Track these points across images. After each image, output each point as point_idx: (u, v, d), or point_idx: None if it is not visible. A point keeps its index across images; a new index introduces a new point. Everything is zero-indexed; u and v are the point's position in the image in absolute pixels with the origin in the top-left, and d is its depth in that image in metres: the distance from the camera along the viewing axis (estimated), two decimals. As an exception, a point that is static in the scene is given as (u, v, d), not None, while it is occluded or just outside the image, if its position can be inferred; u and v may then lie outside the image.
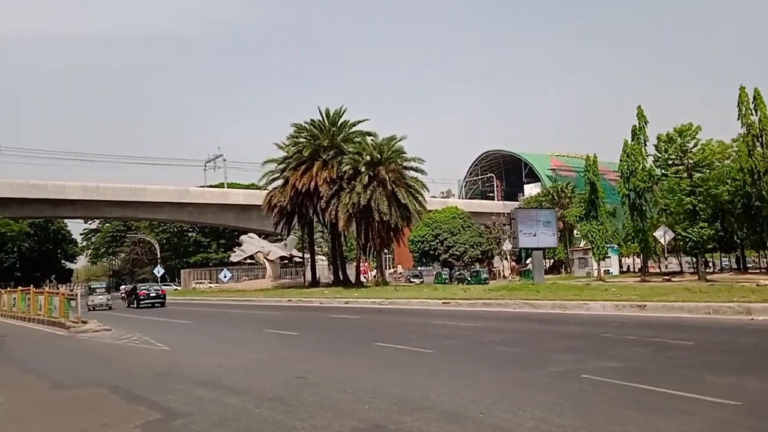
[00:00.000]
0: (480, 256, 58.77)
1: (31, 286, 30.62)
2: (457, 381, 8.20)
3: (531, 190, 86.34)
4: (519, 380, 8.09)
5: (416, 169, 43.69)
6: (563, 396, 6.92)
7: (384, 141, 42.82)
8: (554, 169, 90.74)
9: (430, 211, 53.06)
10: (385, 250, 54.91)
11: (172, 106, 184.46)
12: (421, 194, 43.76)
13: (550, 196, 63.97)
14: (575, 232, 61.54)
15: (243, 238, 64.14)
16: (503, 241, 58.99)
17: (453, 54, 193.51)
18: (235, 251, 65.75)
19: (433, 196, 74.19)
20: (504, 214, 70.72)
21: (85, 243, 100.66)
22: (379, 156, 41.20)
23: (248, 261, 63.56)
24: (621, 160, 37.60)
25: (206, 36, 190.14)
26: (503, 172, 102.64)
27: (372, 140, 43.36)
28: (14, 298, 28.07)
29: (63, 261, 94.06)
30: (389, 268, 71.88)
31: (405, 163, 43.26)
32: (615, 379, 7.62)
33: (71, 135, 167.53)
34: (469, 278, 45.62)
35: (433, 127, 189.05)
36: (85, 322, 19.46)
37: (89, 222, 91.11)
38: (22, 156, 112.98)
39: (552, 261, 62.79)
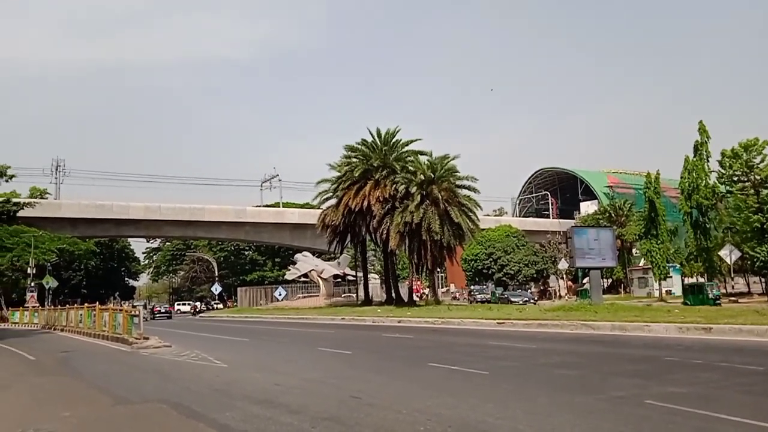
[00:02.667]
0: (535, 275, 57.71)
1: (97, 302, 31.86)
2: (514, 404, 8.03)
3: (587, 208, 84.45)
4: (578, 405, 7.86)
5: (469, 188, 43.45)
6: (625, 422, 6.69)
7: (437, 160, 42.81)
8: (611, 187, 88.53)
9: (483, 229, 52.56)
10: (438, 269, 54.59)
11: (231, 128, 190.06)
12: (474, 212, 43.42)
13: (608, 214, 62.35)
14: (634, 251, 59.72)
15: (297, 256, 65.04)
16: (559, 260, 57.75)
17: (505, 72, 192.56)
18: (289, 269, 66.71)
19: (486, 215, 73.57)
20: (559, 232, 69.31)
21: (147, 261, 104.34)
22: (431, 175, 41.20)
23: (302, 279, 64.31)
24: (682, 177, 36.39)
25: (263, 60, 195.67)
26: (558, 189, 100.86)
27: (426, 159, 43.45)
28: (81, 315, 29.20)
29: (126, 278, 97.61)
30: (442, 287, 71.39)
31: (458, 182, 43.07)
32: (680, 405, 7.31)
33: (135, 157, 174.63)
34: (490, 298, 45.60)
35: (486, 145, 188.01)
36: (147, 339, 20.06)
37: (151, 241, 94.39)
38: (89, 178, 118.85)
39: (610, 281, 61.03)
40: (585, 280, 54.16)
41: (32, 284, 51.21)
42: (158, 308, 60.93)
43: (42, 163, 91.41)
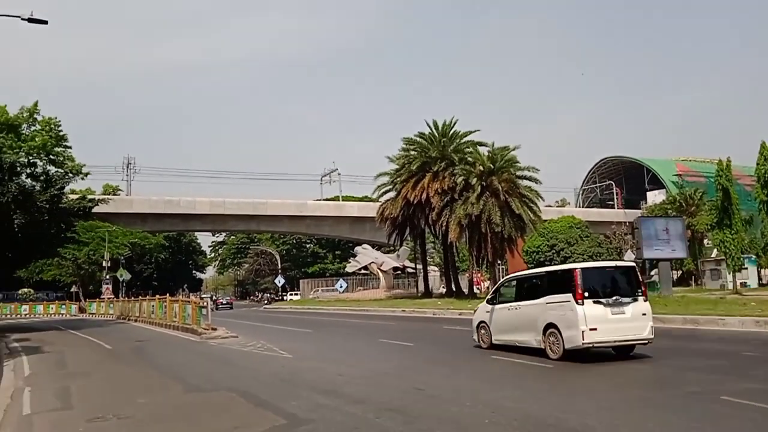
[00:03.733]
0: (600, 267, 56.15)
1: (167, 294, 33.16)
2: (582, 398, 7.87)
3: (654, 197, 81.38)
4: (649, 400, 7.63)
5: (530, 179, 42.66)
6: (700, 419, 6.44)
7: (496, 151, 42.20)
8: (680, 175, 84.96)
9: (545, 220, 51.35)
10: (499, 261, 53.90)
11: (291, 124, 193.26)
12: (536, 204, 42.62)
13: (677, 204, 59.90)
14: (706, 241, 57.22)
15: (357, 249, 65.63)
16: (625, 252, 55.96)
17: (567, 60, 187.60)
18: (350, 262, 67.46)
19: (548, 206, 72.05)
20: (625, 223, 67.13)
21: (213, 254, 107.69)
22: (491, 166, 40.66)
23: (362, 271, 64.88)
24: (758, 164, 34.52)
25: (322, 56, 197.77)
26: (623, 179, 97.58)
27: (485, 150, 42.93)
28: (153, 306, 30.46)
29: (194, 271, 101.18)
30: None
31: (518, 173, 42.34)
32: (760, 402, 6.97)
33: (200, 154, 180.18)
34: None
35: (547, 135, 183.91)
36: (215, 329, 20.72)
37: (216, 235, 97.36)
38: (157, 174, 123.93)
39: (680, 272, 58.70)
40: (653, 273, 52.35)
41: (107, 277, 53.80)
42: (221, 300, 67.78)
43: (114, 161, 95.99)
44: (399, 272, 63.54)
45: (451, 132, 45.01)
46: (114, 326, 30.34)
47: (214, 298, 70.27)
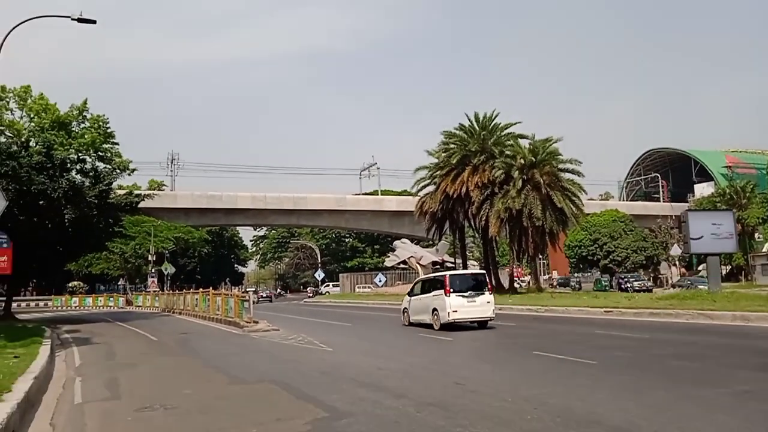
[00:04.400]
0: (644, 262, 54.86)
1: (210, 288, 33.81)
2: (626, 395, 7.69)
3: (702, 190, 79.04)
4: (697, 398, 7.41)
5: (573, 171, 41.85)
6: (751, 418, 6.22)
7: (538, 143, 41.54)
8: (730, 167, 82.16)
9: (588, 214, 50.53)
10: (540, 256, 53.20)
11: (330, 118, 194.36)
12: (578, 197, 41.81)
13: (727, 196, 58.06)
14: (757, 235, 55.32)
15: (396, 243, 65.66)
16: (671, 246, 54.54)
17: (611, 50, 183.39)
18: (389, 256, 67.55)
19: (591, 199, 70.70)
20: (671, 216, 65.43)
21: (254, 249, 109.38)
22: (533, 159, 40.05)
23: (401, 266, 64.90)
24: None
25: (360, 50, 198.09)
26: (669, 171, 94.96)
27: (526, 143, 42.31)
28: (196, 299, 31.13)
29: (236, 265, 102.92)
30: (544, 274, 69.63)
31: (560, 166, 41.59)
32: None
33: (241, 149, 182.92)
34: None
35: (591, 127, 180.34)
36: (257, 322, 21.04)
37: (258, 229, 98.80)
38: (200, 170, 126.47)
39: (729, 268, 56.92)
40: (701, 267, 50.93)
41: (153, 270, 55.22)
42: (261, 293, 69.55)
43: (158, 157, 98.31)
44: (438, 267, 63.26)
45: (492, 124, 44.47)
46: (159, 318, 31.10)
47: (263, 292, 71.76)
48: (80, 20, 17.93)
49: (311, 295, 69.89)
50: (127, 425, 7.08)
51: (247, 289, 66.58)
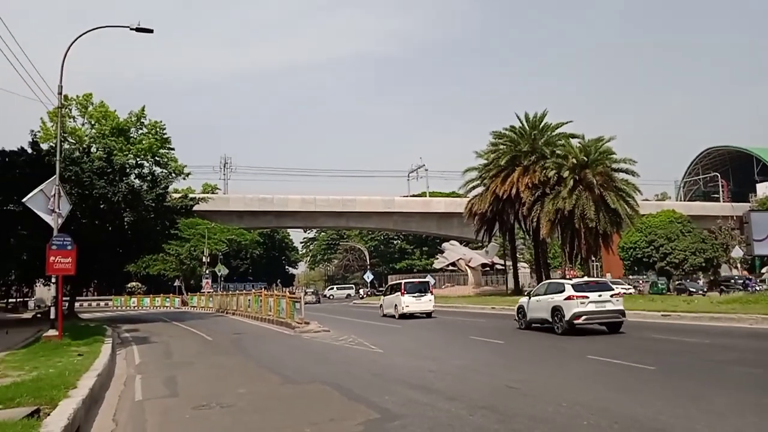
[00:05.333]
0: (703, 264, 52.87)
1: (263, 289, 34.41)
2: (687, 402, 7.43)
3: (765, 189, 75.73)
4: (762, 406, 7.10)
5: (627, 171, 40.78)
6: None
7: (590, 142, 40.66)
8: (794, 164, 78.47)
9: (643, 215, 49.10)
10: (593, 258, 51.97)
11: (379, 120, 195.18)
12: (633, 197, 40.71)
13: (793, 196, 55.37)
14: (827, 236, 52.51)
15: (445, 245, 65.36)
16: (731, 248, 52.37)
17: (664, 47, 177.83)
18: (437, 258, 67.28)
19: (646, 199, 68.73)
20: (732, 217, 62.92)
21: (304, 250, 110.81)
22: (584, 158, 39.23)
23: (450, 268, 64.55)
24: None
25: (408, 53, 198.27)
26: (730, 170, 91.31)
27: (577, 142, 41.49)
28: (249, 300, 31.75)
29: (287, 266, 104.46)
30: (597, 277, 67.96)
31: (614, 165, 40.60)
32: None
33: (292, 152, 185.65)
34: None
35: (646, 125, 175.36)
36: (308, 323, 21.27)
37: (307, 231, 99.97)
38: (252, 173, 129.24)
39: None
40: (764, 270, 48.79)
41: (207, 271, 56.58)
42: (310, 291, 69.39)
43: (212, 161, 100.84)
44: (487, 269, 62.71)
45: (542, 124, 43.86)
46: (213, 319, 31.84)
47: (317, 292, 72.25)
48: (138, 29, 18.55)
49: (360, 297, 70.14)
50: (186, 423, 7.27)
51: (307, 290, 67.17)
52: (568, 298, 16.76)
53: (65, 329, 17.73)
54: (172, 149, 51.60)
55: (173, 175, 38.32)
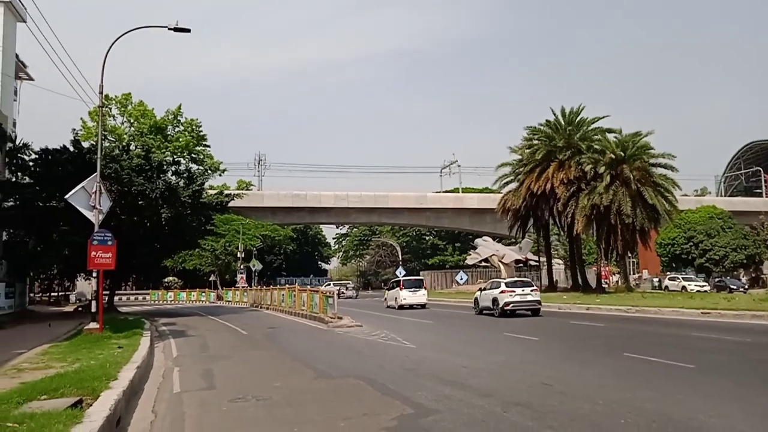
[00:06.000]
0: (744, 261, 51.48)
1: (296, 284, 34.74)
2: (727, 402, 7.27)
3: (811, 183, 73.32)
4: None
5: (665, 166, 39.95)
6: None
7: (627, 137, 39.94)
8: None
9: (682, 211, 48.02)
10: (629, 254, 51.06)
11: (411, 117, 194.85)
12: (671, 193, 39.86)
13: (840, 190, 53.45)
14: None
15: (478, 241, 64.97)
16: (774, 245, 50.89)
17: (703, 38, 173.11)
18: (470, 254, 66.95)
19: (685, 195, 67.24)
20: (775, 212, 61.04)
21: (336, 246, 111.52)
22: (621, 153, 38.54)
23: (483, 264, 64.16)
24: None
25: (440, 49, 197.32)
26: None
27: (614, 137, 40.79)
28: (282, 295, 32.10)
29: (319, 262, 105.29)
30: (634, 273, 66.81)
31: (652, 160, 39.82)
32: None
33: (325, 149, 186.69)
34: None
35: (685, 120, 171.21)
36: (341, 318, 21.43)
37: (340, 227, 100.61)
38: (285, 170, 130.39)
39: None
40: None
41: (241, 267, 57.37)
42: (342, 290, 69.08)
43: (246, 158, 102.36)
44: (521, 265, 62.14)
45: (578, 119, 43.22)
46: (248, 313, 32.29)
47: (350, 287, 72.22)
48: (176, 29, 18.87)
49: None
50: (223, 414, 7.40)
51: (348, 285, 67.97)
52: (502, 291, 24.04)
53: (105, 322, 18.20)
54: (208, 146, 52.56)
55: (209, 171, 39.00)
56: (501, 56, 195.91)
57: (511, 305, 23.49)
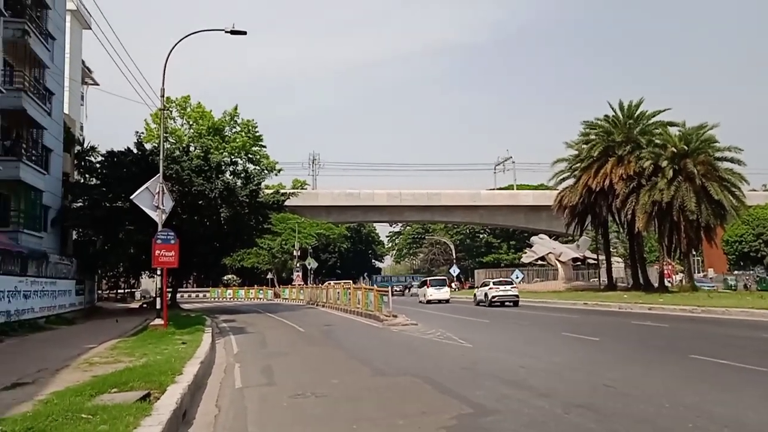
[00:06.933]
0: (820, 259, 48.70)
1: (351, 282, 35.05)
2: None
3: None
4: None
5: (731, 160, 38.33)
6: None
7: (690, 131, 38.50)
8: None
9: (751, 206, 45.93)
10: (693, 252, 49.16)
11: (463, 112, 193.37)
12: (739, 188, 38.20)
13: None
14: None
15: (533, 239, 63.93)
16: None
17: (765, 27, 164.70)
18: (525, 252, 65.95)
19: (753, 190, 64.18)
20: None
21: (390, 244, 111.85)
22: (684, 147, 37.18)
23: (539, 262, 63.10)
24: None
25: (493, 42, 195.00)
26: None
27: (676, 131, 39.39)
28: (338, 293, 32.43)
29: (373, 260, 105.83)
30: (698, 272, 64.31)
31: (717, 154, 38.25)
32: None
33: (377, 147, 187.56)
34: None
35: (752, 111, 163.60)
36: (396, 316, 21.48)
37: (393, 225, 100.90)
38: (339, 168, 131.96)
39: None
40: None
41: (297, 265, 58.29)
42: (395, 287, 68.62)
43: (301, 157, 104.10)
44: (579, 263, 60.80)
45: (638, 113, 41.96)
46: (304, 311, 32.76)
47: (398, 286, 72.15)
48: (233, 32, 19.33)
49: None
50: (284, 410, 7.53)
51: (413, 282, 68.43)
52: (490, 288, 32.94)
53: (169, 318, 18.82)
54: (264, 147, 53.58)
55: (265, 171, 39.77)
56: (553, 48, 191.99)
57: (496, 298, 32.41)
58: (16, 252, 20.63)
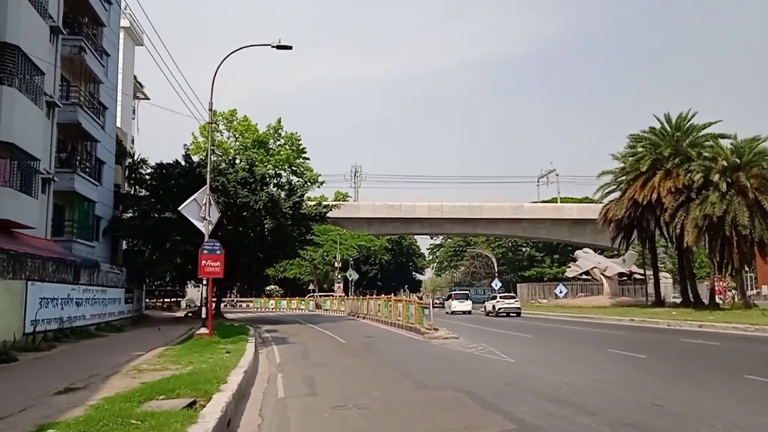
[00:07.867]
0: None
1: (392, 294, 35.06)
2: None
3: None
4: None
5: (788, 173, 36.89)
6: None
7: (743, 143, 37.32)
8: None
9: (809, 221, 44.09)
10: (746, 268, 47.44)
11: (506, 124, 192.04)
12: (796, 202, 36.72)
13: None
14: None
15: (578, 253, 62.80)
16: None
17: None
18: (569, 266, 64.81)
19: (811, 204, 61.55)
20: None
21: (431, 257, 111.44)
22: (737, 160, 36.04)
23: (584, 277, 61.92)
24: None
25: (533, 55, 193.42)
26: None
27: (728, 143, 38.24)
28: (379, 305, 32.47)
29: (413, 272, 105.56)
30: (751, 289, 61.97)
31: (772, 167, 36.93)
32: None
33: (419, 159, 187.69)
34: None
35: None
36: (437, 329, 21.38)
37: (434, 238, 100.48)
38: (381, 181, 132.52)
39: None
40: None
41: (339, 276, 58.63)
42: (435, 300, 69.19)
43: (343, 169, 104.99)
44: (625, 278, 59.41)
45: (687, 125, 40.94)
46: (345, 322, 32.89)
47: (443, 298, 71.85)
48: (279, 47, 19.73)
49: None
50: (326, 421, 7.58)
51: (456, 292, 67.83)
52: (497, 301, 40.39)
53: (214, 328, 19.18)
54: (308, 159, 54.34)
55: (308, 183, 40.27)
56: (599, 60, 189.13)
57: (502, 309, 39.20)
58: (69, 261, 21.39)
